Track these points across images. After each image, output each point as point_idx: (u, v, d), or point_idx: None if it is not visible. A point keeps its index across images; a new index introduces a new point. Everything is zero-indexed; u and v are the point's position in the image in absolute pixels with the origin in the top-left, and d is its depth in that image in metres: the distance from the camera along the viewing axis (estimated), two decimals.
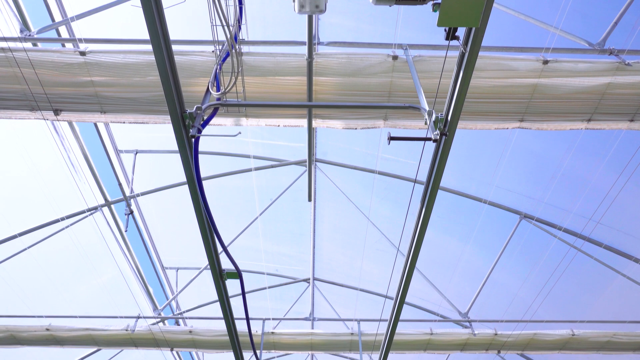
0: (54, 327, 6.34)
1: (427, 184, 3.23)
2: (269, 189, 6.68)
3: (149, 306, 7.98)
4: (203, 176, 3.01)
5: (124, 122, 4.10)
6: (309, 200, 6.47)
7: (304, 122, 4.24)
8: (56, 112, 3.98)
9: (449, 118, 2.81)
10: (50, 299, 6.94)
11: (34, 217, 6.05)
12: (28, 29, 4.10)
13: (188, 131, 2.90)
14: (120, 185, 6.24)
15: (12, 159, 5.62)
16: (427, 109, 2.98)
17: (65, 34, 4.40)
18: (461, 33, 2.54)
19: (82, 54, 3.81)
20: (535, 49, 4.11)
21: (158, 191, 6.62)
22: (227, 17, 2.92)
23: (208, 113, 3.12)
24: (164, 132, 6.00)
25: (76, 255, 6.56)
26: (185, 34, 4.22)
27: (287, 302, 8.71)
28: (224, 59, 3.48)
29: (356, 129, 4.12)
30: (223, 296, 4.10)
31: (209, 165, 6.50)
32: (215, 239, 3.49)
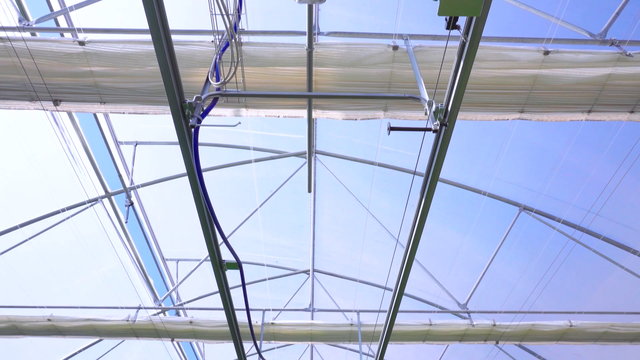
0: (55, 317, 6.38)
1: (427, 174, 3.24)
2: (268, 180, 6.69)
3: (149, 297, 8.03)
4: (203, 168, 3.02)
5: (123, 113, 4.09)
6: (309, 191, 6.48)
7: (303, 113, 4.23)
8: (56, 102, 3.98)
9: (449, 108, 2.81)
10: (51, 289, 6.97)
11: (35, 209, 6.06)
12: (27, 18, 4.08)
13: (188, 121, 2.89)
14: (120, 176, 6.25)
15: (12, 150, 5.62)
16: (427, 99, 2.97)
17: (63, 24, 4.38)
18: (462, 22, 2.53)
19: (81, 43, 3.79)
20: (536, 39, 4.09)
21: (158, 183, 6.63)
22: (226, 7, 2.90)
23: (207, 103, 3.12)
24: (164, 123, 6.00)
25: (77, 246, 6.58)
26: (184, 24, 4.20)
27: (287, 293, 8.75)
28: (223, 49, 3.47)
29: (356, 119, 4.11)
30: (223, 286, 4.12)
31: (208, 157, 6.51)
32: (215, 229, 3.50)
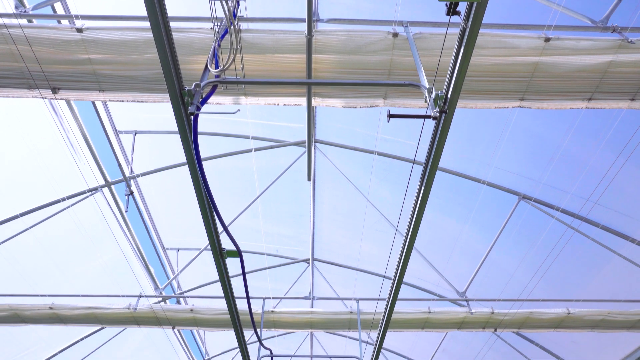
0: (57, 305, 6.42)
1: (427, 161, 3.23)
2: (268, 169, 6.68)
3: (150, 286, 8.08)
4: (202, 157, 3.01)
5: (122, 101, 4.07)
6: (309, 179, 6.49)
7: (303, 101, 4.21)
8: (54, 90, 3.96)
9: (449, 95, 2.80)
10: (52, 278, 7.01)
11: (35, 198, 6.07)
12: (23, 5, 4.04)
13: (187, 109, 2.88)
14: (120, 165, 6.25)
15: (12, 139, 5.61)
16: (427, 86, 2.96)
17: (60, 11, 4.34)
18: (462, 9, 2.51)
19: (79, 30, 3.76)
20: (537, 26, 4.06)
21: (158, 172, 6.63)
22: None
23: (207, 91, 3.10)
24: (163, 112, 5.98)
25: (78, 235, 6.61)
26: (183, 11, 4.17)
27: (286, 282, 8.81)
28: (222, 36, 3.44)
29: (356, 107, 4.10)
30: (223, 274, 4.14)
31: (208, 146, 6.50)
32: (215, 216, 3.51)
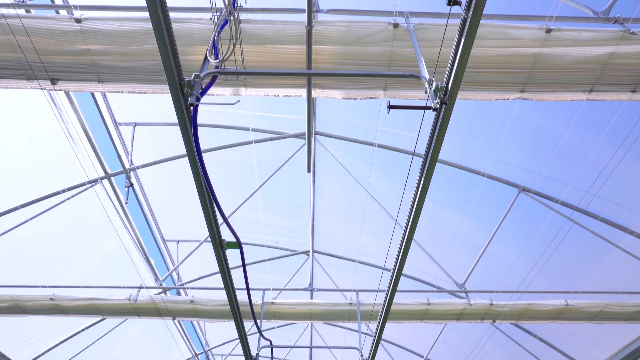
0: (57, 296, 6.45)
1: (427, 153, 3.23)
2: (268, 161, 6.68)
3: (150, 277, 8.11)
4: (202, 149, 3.01)
5: (121, 92, 4.06)
6: (309, 171, 6.49)
7: (303, 92, 4.20)
8: (53, 81, 3.94)
9: (449, 86, 2.79)
10: (53, 269, 7.04)
11: (35, 189, 6.07)
12: None
13: (187, 99, 2.88)
14: (119, 157, 6.24)
15: (11, 131, 5.60)
16: (428, 77, 2.95)
17: (59, 1, 4.31)
18: None
19: (78, 21, 3.74)
20: (538, 17, 4.04)
21: (158, 164, 6.63)
22: None
23: (206, 82, 3.09)
24: (162, 104, 5.96)
25: (78, 227, 6.63)
26: (182, 1, 4.14)
27: (286, 274, 8.85)
28: (222, 26, 3.43)
29: (356, 99, 4.09)
30: (223, 265, 4.16)
31: (207, 138, 6.49)
32: (215, 208, 3.51)
